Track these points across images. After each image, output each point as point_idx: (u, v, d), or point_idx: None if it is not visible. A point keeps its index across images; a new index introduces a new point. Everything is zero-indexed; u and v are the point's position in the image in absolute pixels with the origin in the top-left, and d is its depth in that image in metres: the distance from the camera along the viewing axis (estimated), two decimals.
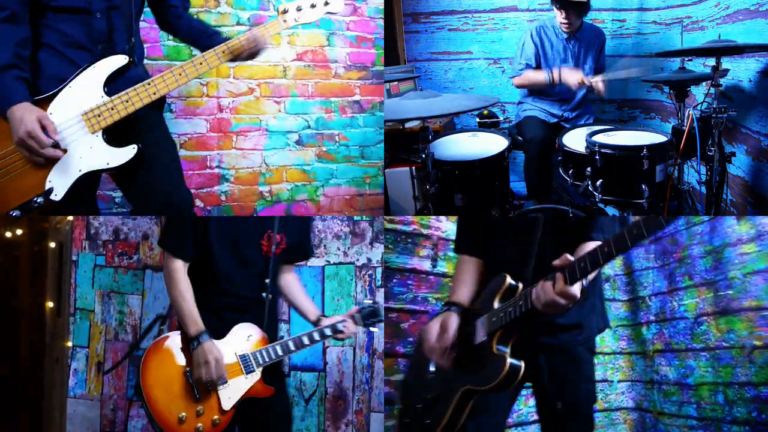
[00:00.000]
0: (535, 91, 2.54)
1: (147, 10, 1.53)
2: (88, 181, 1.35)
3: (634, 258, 2.39)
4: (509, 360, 1.13)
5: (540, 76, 2.41)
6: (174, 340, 1.35)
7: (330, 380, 1.93)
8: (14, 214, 1.25)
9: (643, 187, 1.83)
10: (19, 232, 1.51)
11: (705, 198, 1.83)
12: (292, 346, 1.39)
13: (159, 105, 1.45)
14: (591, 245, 1.08)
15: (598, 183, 1.89)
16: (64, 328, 1.63)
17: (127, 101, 1.29)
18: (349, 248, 1.98)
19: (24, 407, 1.54)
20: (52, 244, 1.57)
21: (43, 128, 1.22)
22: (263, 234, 1.42)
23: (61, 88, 1.28)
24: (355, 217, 2.05)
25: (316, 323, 1.46)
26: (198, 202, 2.31)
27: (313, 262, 1.99)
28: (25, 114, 1.21)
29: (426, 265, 1.99)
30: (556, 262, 1.05)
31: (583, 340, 1.27)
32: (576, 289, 1.04)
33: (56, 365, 1.61)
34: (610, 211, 2.04)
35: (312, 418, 1.93)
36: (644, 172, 1.82)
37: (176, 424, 1.28)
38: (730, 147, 2.13)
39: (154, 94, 1.31)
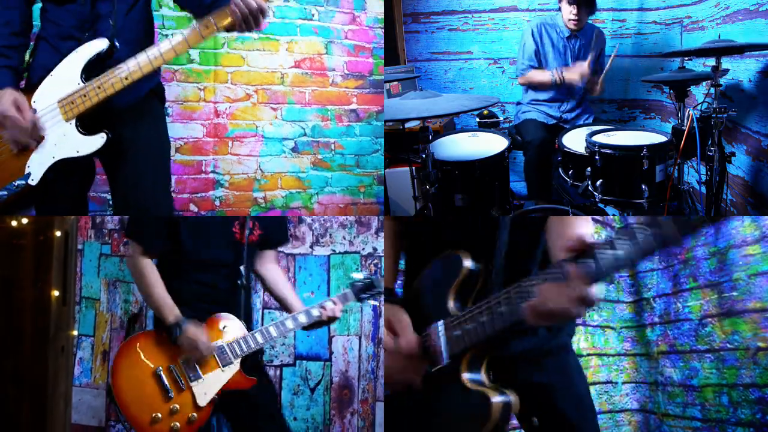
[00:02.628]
0: (534, 91, 2.54)
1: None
2: (80, 178, 1.35)
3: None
4: (494, 399, 0.80)
5: (545, 77, 2.40)
6: (143, 341, 1.31)
7: (335, 369, 1.94)
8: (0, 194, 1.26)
9: (643, 187, 1.82)
10: (24, 221, 1.51)
11: (705, 198, 1.82)
12: (274, 332, 1.33)
13: (159, 96, 1.42)
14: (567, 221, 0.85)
15: (598, 183, 1.88)
16: (70, 316, 1.63)
17: (98, 87, 1.26)
18: (354, 237, 1.98)
19: (28, 396, 1.53)
20: (58, 233, 1.57)
21: (19, 111, 1.23)
22: (234, 222, 1.38)
23: (44, 77, 1.28)
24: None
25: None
26: (192, 207, 2.30)
27: (319, 251, 2.00)
28: (2, 97, 1.23)
29: None
30: (570, 244, 0.70)
31: (567, 335, 1.03)
32: (597, 290, 0.71)
33: (61, 354, 1.60)
34: (611, 211, 2.03)
35: (317, 407, 1.93)
36: (644, 172, 1.81)
37: (149, 424, 1.25)
38: (730, 147, 2.12)
39: (126, 78, 1.25)
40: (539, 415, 0.95)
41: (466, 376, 0.83)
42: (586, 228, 0.86)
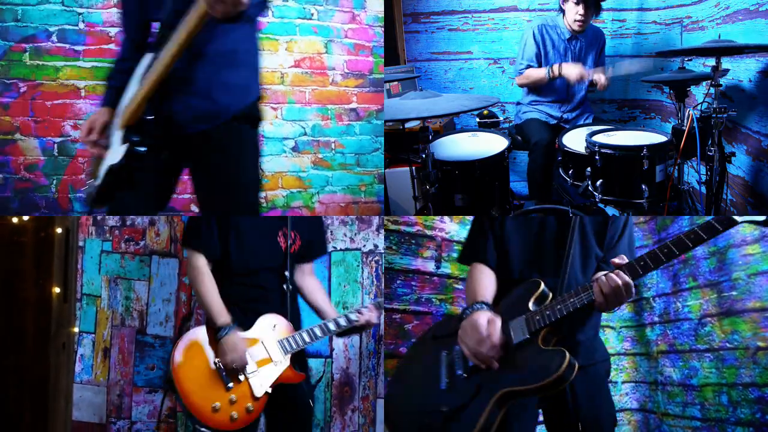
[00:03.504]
0: (534, 90, 2.53)
1: None
2: (160, 180, 1.35)
3: None
4: (567, 355, 1.06)
5: (540, 73, 2.40)
6: (199, 334, 1.38)
7: (336, 366, 1.94)
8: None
9: (643, 187, 1.82)
10: (25, 217, 1.52)
11: (705, 198, 1.82)
12: (319, 333, 1.45)
13: (250, 120, 1.31)
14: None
15: (598, 183, 1.88)
16: (71, 313, 1.64)
17: (142, 88, 1.21)
18: (355, 234, 1.98)
19: (29, 393, 1.54)
20: (59, 230, 1.58)
21: (92, 129, 1.31)
22: (278, 231, 1.47)
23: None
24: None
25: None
26: (193, 207, 2.31)
27: None
28: (92, 116, 1.33)
29: (430, 267, 1.99)
30: (615, 260, 1.09)
31: (601, 359, 1.28)
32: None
33: (62, 351, 1.62)
34: (610, 211, 2.03)
35: (318, 404, 1.94)
36: (644, 172, 1.82)
37: (211, 413, 1.31)
38: (730, 147, 2.13)
39: (155, 73, 1.16)
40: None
41: (542, 344, 1.12)
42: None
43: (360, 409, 1.91)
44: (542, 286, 1.18)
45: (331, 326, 1.46)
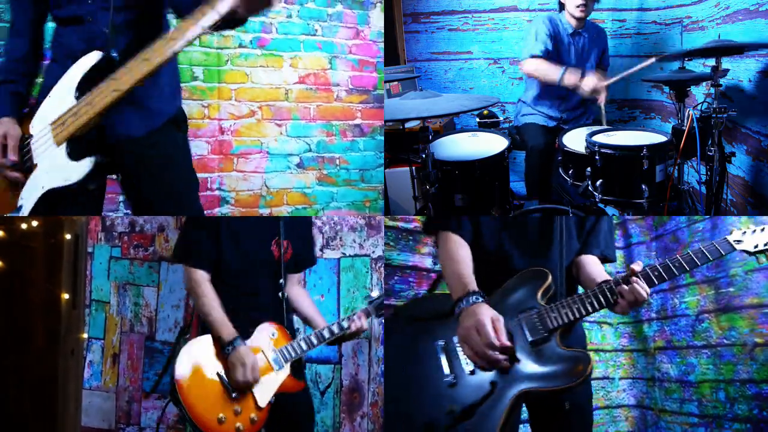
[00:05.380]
0: (536, 88, 2.54)
1: None
2: (96, 190, 1.26)
3: (636, 255, 2.40)
4: (590, 360, 1.07)
5: (553, 73, 2.24)
6: (202, 344, 1.36)
7: (345, 372, 1.95)
8: None
9: (643, 187, 1.83)
10: (34, 224, 1.52)
11: (705, 198, 1.83)
12: (315, 341, 1.44)
13: (178, 124, 1.30)
14: (592, 261, 1.20)
15: (598, 183, 1.89)
16: (80, 319, 1.64)
17: (89, 103, 1.11)
18: (364, 240, 1.99)
19: (39, 398, 1.55)
20: (68, 236, 1.58)
21: (5, 147, 1.16)
22: (272, 240, 1.46)
23: (43, 100, 1.19)
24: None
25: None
26: None
27: (329, 254, 2.01)
28: None
29: (427, 263, 2.00)
30: (634, 266, 1.10)
31: (576, 341, 1.24)
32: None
33: (71, 357, 1.62)
34: (610, 211, 2.04)
35: (327, 410, 1.94)
36: (644, 172, 1.82)
37: (217, 425, 1.30)
38: (730, 147, 2.14)
39: (115, 91, 1.09)
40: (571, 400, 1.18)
41: (559, 341, 1.10)
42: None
43: (369, 415, 1.91)
44: (550, 278, 1.14)
45: (326, 334, 1.45)
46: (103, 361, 2.15)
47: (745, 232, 1.07)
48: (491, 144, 2.08)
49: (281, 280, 1.45)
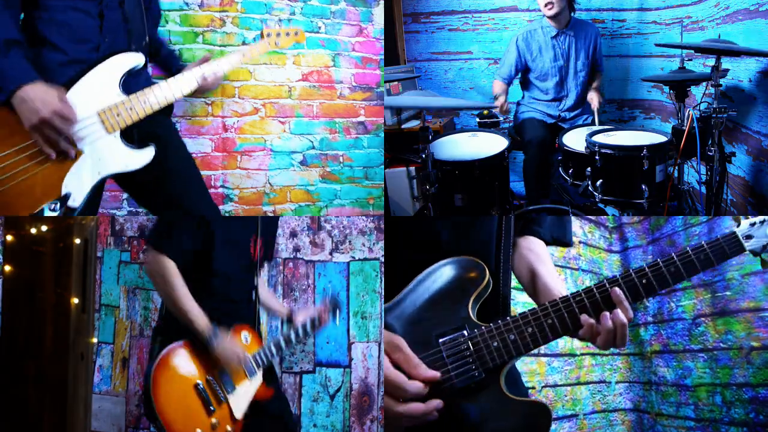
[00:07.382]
0: (527, 89, 2.56)
1: None
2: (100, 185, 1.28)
3: (632, 259, 2.39)
4: (549, 411, 0.77)
5: (495, 89, 2.51)
6: (176, 353, 1.29)
7: (355, 376, 1.95)
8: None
9: (643, 187, 1.83)
10: (44, 228, 1.52)
11: (705, 198, 1.83)
12: (283, 344, 1.38)
13: (167, 111, 1.38)
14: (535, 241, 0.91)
15: (598, 183, 1.89)
16: (89, 324, 1.63)
17: (144, 102, 1.21)
18: (374, 244, 1.99)
19: (48, 403, 1.54)
20: (77, 241, 1.57)
21: (63, 117, 1.07)
22: (250, 239, 1.42)
23: (76, 79, 1.15)
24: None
25: (289, 319, 1.47)
26: None
27: (338, 257, 2.01)
28: (47, 93, 1.06)
29: None
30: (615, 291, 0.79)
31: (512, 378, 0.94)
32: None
33: (81, 361, 1.61)
34: (610, 211, 2.04)
35: (337, 414, 1.94)
36: (644, 172, 1.82)
37: None
38: (730, 147, 2.13)
39: (172, 96, 1.24)
40: None
41: (505, 388, 0.76)
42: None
43: (379, 419, 1.91)
44: (488, 275, 0.79)
45: (293, 336, 1.40)
46: (112, 365, 2.14)
47: (754, 224, 0.89)
48: (491, 144, 2.08)
49: (256, 280, 1.39)
